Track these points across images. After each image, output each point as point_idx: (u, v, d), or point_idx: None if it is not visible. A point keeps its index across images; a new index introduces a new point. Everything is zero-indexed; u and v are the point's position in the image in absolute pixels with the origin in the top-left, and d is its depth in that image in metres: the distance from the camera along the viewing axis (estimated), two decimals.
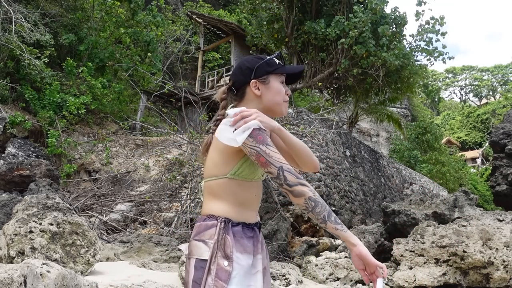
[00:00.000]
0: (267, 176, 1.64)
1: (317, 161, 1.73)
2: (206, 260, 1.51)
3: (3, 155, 10.15)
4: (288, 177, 1.49)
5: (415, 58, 14.53)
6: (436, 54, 14.40)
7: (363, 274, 1.51)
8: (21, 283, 2.46)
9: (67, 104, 11.73)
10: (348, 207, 11.26)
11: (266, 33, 15.13)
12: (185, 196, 9.38)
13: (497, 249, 4.84)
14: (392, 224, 6.74)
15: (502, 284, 4.75)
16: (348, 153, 12.90)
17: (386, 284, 5.37)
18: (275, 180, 1.51)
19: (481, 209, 6.67)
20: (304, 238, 8.54)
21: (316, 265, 6.00)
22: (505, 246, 4.85)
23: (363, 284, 5.54)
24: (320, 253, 7.28)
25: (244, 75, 1.68)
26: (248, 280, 1.52)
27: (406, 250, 5.32)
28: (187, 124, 10.05)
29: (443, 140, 33.99)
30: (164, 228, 8.39)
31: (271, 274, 4.23)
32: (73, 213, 4.71)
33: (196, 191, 9.14)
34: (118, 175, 11.23)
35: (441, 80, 59.17)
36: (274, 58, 1.70)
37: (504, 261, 4.73)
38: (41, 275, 2.64)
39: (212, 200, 1.61)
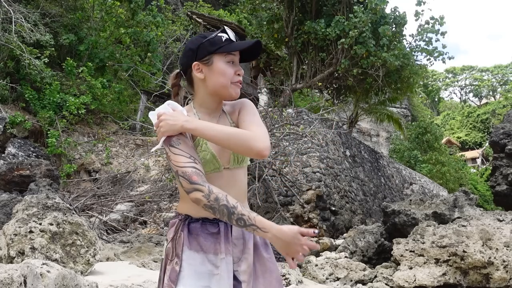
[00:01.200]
0: (266, 176, 1.61)
1: (259, 145, 1.42)
2: (163, 259, 1.52)
3: (3, 155, 10.15)
4: (183, 183, 1.38)
5: (415, 58, 14.54)
6: (436, 54, 14.41)
7: (289, 261, 1.41)
8: (21, 283, 2.46)
9: (67, 104, 11.72)
10: (348, 207, 11.26)
11: (266, 33, 15.14)
12: None
13: (497, 249, 4.84)
14: (392, 224, 6.74)
15: (502, 284, 4.75)
16: (348, 153, 12.90)
17: (386, 284, 5.37)
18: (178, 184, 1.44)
19: (481, 209, 6.67)
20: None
21: (316, 265, 6.00)
22: (505, 246, 4.85)
23: (363, 284, 5.54)
24: (320, 253, 7.28)
25: (187, 57, 1.54)
26: (202, 281, 1.43)
27: (406, 250, 5.32)
28: None
29: (443, 140, 33.98)
30: (164, 228, 8.39)
31: None
32: (73, 213, 4.71)
33: None
34: (118, 175, 11.23)
35: (441, 80, 59.17)
36: (219, 35, 1.51)
37: (504, 261, 4.73)
38: (41, 275, 2.63)
39: (181, 199, 1.58)
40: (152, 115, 1.51)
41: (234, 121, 1.57)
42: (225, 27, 1.56)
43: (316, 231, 1.39)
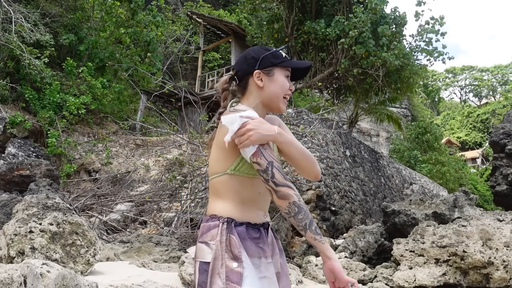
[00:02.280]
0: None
1: (319, 170, 1.63)
2: (209, 262, 1.45)
3: (3, 155, 10.15)
4: (276, 175, 1.42)
5: (415, 58, 14.54)
6: (436, 54, 14.41)
7: (331, 287, 1.47)
8: (21, 283, 2.46)
9: (67, 104, 11.73)
10: (348, 207, 11.26)
11: (266, 33, 15.14)
12: (185, 196, 9.38)
13: (497, 249, 4.84)
14: (392, 224, 6.74)
15: (502, 284, 4.75)
16: (348, 153, 12.90)
17: (386, 284, 5.37)
18: (262, 173, 1.43)
19: (481, 209, 6.67)
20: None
21: (316, 265, 6.00)
22: (505, 246, 4.85)
23: (363, 284, 5.54)
24: None
25: (248, 64, 1.61)
26: (259, 282, 1.45)
27: (406, 250, 5.32)
28: (187, 124, 10.05)
29: (443, 140, 33.99)
30: (164, 228, 8.39)
31: None
32: (73, 213, 4.71)
33: (196, 191, 9.15)
34: (118, 175, 11.23)
35: (441, 80, 59.18)
36: (281, 51, 1.63)
37: (504, 261, 4.73)
38: (41, 275, 2.63)
39: (215, 199, 1.55)
40: (231, 121, 1.48)
41: None
42: (285, 46, 1.69)
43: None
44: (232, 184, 1.52)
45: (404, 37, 14.41)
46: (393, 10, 13.82)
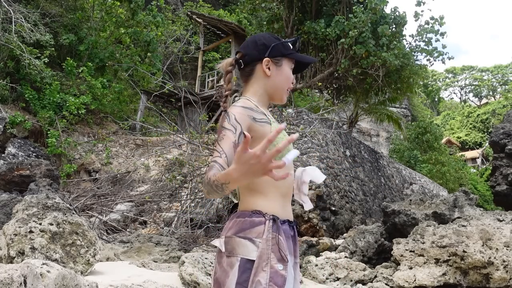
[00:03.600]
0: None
1: None
2: (253, 260, 1.36)
3: (3, 155, 10.14)
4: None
5: (415, 58, 14.55)
6: (435, 54, 14.42)
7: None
8: (21, 283, 2.46)
9: (67, 104, 11.73)
10: (348, 207, 11.26)
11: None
12: (185, 196, 9.38)
13: (497, 249, 4.84)
14: (392, 224, 6.74)
15: (502, 284, 4.75)
16: (348, 153, 12.90)
17: (386, 284, 5.37)
18: None
19: (481, 209, 6.66)
20: (304, 238, 8.54)
21: (316, 265, 6.00)
22: (505, 246, 4.85)
23: (363, 284, 5.54)
24: (320, 253, 7.28)
25: (258, 50, 1.56)
26: (294, 285, 1.42)
27: (406, 250, 5.32)
28: (187, 124, 10.05)
29: (443, 140, 33.99)
30: (164, 228, 8.39)
31: None
32: (73, 213, 4.71)
33: (196, 191, 9.15)
34: (118, 175, 11.23)
35: (441, 80, 59.19)
36: (289, 43, 1.62)
37: (504, 261, 4.73)
38: (41, 275, 2.63)
39: (254, 194, 1.46)
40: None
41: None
42: (294, 38, 1.68)
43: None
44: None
45: (404, 37, 14.42)
46: (393, 10, 13.82)
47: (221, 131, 1.44)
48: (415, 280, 4.99)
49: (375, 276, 5.67)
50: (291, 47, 1.61)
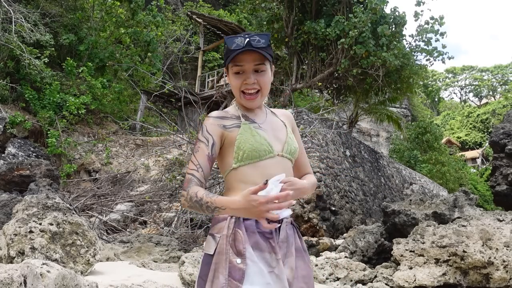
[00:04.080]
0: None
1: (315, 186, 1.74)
2: (213, 255, 1.43)
3: (3, 155, 10.14)
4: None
5: (414, 58, 14.55)
6: (435, 54, 14.42)
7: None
8: (21, 283, 2.46)
9: (67, 104, 11.73)
10: (348, 207, 11.25)
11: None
12: None
13: (497, 249, 4.84)
14: (392, 224, 6.74)
15: (502, 284, 4.75)
16: (348, 153, 12.90)
17: (386, 284, 5.37)
18: None
19: (481, 209, 6.66)
20: (304, 238, 8.54)
21: (316, 265, 6.00)
22: (505, 246, 4.85)
23: (363, 284, 5.54)
24: (320, 253, 7.28)
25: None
26: (265, 278, 1.39)
27: (406, 250, 5.32)
28: (187, 124, 10.06)
29: (443, 140, 33.99)
30: (164, 228, 8.39)
31: None
32: (73, 213, 4.71)
33: None
34: (118, 175, 11.23)
35: (441, 80, 59.18)
36: (230, 42, 1.49)
37: (504, 261, 4.73)
38: (41, 275, 2.63)
39: (226, 192, 1.55)
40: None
41: (290, 129, 1.67)
42: (228, 38, 1.54)
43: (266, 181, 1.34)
44: (242, 176, 1.50)
45: (404, 37, 14.42)
46: (392, 10, 13.82)
47: (197, 142, 1.55)
48: (415, 280, 4.99)
49: (375, 276, 5.67)
50: (233, 46, 1.48)
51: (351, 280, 5.64)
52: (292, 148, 1.59)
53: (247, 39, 1.46)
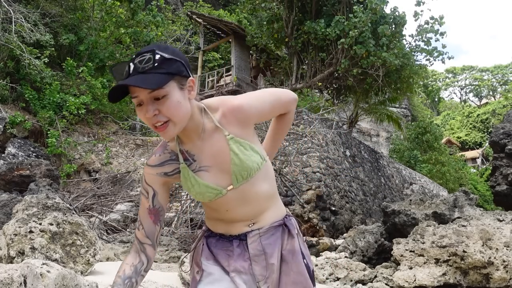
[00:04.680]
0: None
1: (288, 99, 1.57)
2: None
3: (3, 155, 10.14)
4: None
5: (414, 58, 14.56)
6: (435, 54, 14.43)
7: None
8: (21, 283, 2.46)
9: (67, 104, 11.72)
10: (348, 207, 11.25)
11: (266, 33, 15.14)
12: (185, 196, 9.39)
13: (497, 249, 4.84)
14: (392, 224, 6.74)
15: (502, 284, 4.75)
16: (348, 153, 12.90)
17: (386, 284, 5.37)
18: None
19: (481, 209, 6.66)
20: (304, 238, 8.53)
21: (316, 265, 6.00)
22: (505, 246, 4.85)
23: (363, 284, 5.54)
24: (320, 253, 7.28)
25: None
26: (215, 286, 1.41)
27: (406, 250, 5.32)
28: None
29: (443, 140, 33.99)
30: (164, 228, 8.39)
31: None
32: (73, 213, 4.71)
33: None
34: (118, 175, 11.23)
35: (441, 80, 59.18)
36: (116, 71, 1.30)
37: (504, 261, 4.73)
38: (41, 275, 2.63)
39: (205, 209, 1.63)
40: None
41: (236, 134, 1.36)
42: (114, 69, 1.32)
43: None
44: (204, 205, 1.53)
45: (404, 37, 14.43)
46: (392, 10, 13.83)
47: (140, 194, 1.53)
48: (415, 280, 4.99)
49: (375, 276, 5.67)
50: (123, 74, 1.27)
51: (351, 280, 5.64)
52: (243, 173, 1.36)
53: (132, 65, 1.23)
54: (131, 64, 1.24)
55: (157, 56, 1.22)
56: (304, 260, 1.52)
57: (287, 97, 1.51)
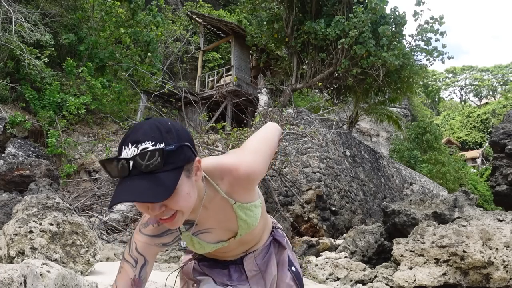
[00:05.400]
0: (266, 176, 1.57)
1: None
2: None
3: (3, 155, 10.14)
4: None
5: (414, 58, 14.56)
6: (435, 54, 14.43)
7: None
8: (21, 283, 2.46)
9: (67, 104, 11.73)
10: (348, 207, 11.25)
11: (266, 33, 15.14)
12: None
13: (497, 249, 4.84)
14: (392, 224, 6.74)
15: (502, 284, 4.75)
16: (348, 153, 12.90)
17: (386, 284, 5.37)
18: None
19: (481, 209, 6.66)
20: (304, 238, 8.54)
21: (316, 265, 6.00)
22: (505, 246, 4.85)
23: (363, 284, 5.54)
24: (320, 253, 7.28)
25: None
26: None
27: (406, 250, 5.32)
28: (187, 124, 10.05)
29: (443, 140, 33.98)
30: None
31: None
32: (73, 213, 4.70)
33: None
34: None
35: (441, 80, 59.17)
36: (109, 167, 1.04)
37: (504, 261, 4.73)
38: (41, 275, 2.63)
39: None
40: None
41: (241, 200, 1.29)
42: (105, 162, 1.05)
43: None
44: None
45: (404, 37, 14.43)
46: (392, 10, 13.83)
47: (121, 261, 1.31)
48: (415, 280, 4.99)
49: (375, 276, 5.67)
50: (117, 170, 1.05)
51: (351, 280, 5.64)
52: (247, 230, 1.35)
53: (131, 162, 1.01)
54: (130, 161, 1.01)
55: (161, 147, 1.01)
56: (293, 267, 1.55)
57: (278, 136, 1.45)
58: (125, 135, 1.06)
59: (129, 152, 1.01)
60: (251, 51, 17.17)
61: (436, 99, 56.83)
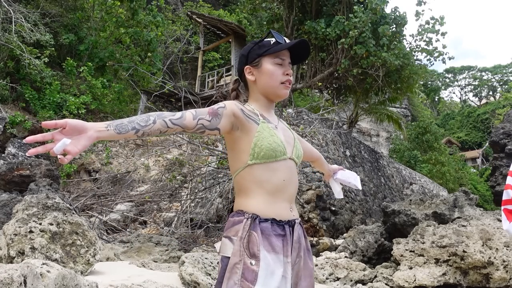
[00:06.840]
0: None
1: None
2: (229, 257, 1.45)
3: (3, 155, 10.14)
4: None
5: (415, 58, 14.55)
6: (436, 54, 14.42)
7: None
8: (21, 283, 2.46)
9: (67, 104, 11.73)
10: (348, 207, 11.25)
11: (266, 33, 15.14)
12: (185, 196, 9.39)
13: (497, 249, 4.84)
14: (392, 224, 6.74)
15: (502, 284, 4.75)
16: (348, 153, 12.90)
17: (386, 284, 5.37)
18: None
19: (481, 209, 6.66)
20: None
21: (316, 265, 6.00)
22: (505, 246, 4.85)
23: (363, 284, 5.54)
24: (320, 253, 7.28)
25: (240, 62, 1.68)
26: (274, 281, 1.42)
27: (406, 250, 5.32)
28: None
29: (443, 140, 33.98)
30: (164, 228, 8.39)
31: None
32: (73, 213, 4.70)
33: (196, 191, 9.15)
34: (118, 175, 11.23)
35: (441, 80, 59.17)
36: (266, 39, 1.63)
37: (504, 261, 4.73)
38: (41, 275, 2.63)
39: (240, 195, 1.55)
40: None
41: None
42: (272, 31, 1.68)
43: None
44: (255, 176, 1.52)
45: (404, 37, 14.42)
46: (393, 10, 13.83)
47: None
48: (415, 280, 4.99)
49: (375, 276, 5.66)
50: (272, 42, 1.61)
51: (351, 280, 5.64)
52: (299, 153, 1.68)
53: (281, 37, 1.64)
54: (277, 35, 1.63)
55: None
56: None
57: None
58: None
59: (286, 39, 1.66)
60: None
61: (436, 99, 56.83)
